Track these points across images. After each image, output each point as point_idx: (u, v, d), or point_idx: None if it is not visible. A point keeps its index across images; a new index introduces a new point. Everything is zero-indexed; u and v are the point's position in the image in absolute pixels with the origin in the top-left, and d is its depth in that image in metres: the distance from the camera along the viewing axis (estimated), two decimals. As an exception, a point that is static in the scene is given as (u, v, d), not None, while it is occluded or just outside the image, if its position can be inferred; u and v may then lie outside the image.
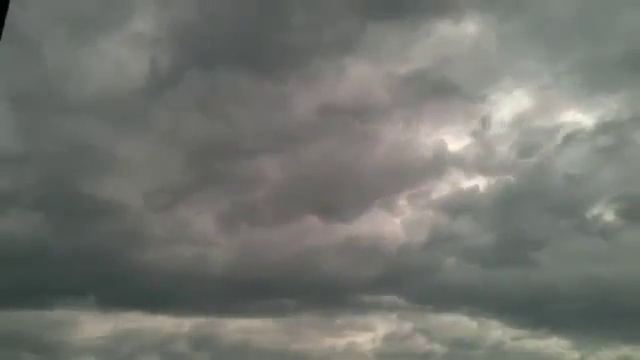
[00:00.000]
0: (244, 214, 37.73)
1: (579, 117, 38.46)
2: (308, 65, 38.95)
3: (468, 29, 39.56)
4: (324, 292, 35.76)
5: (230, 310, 35.73)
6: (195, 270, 35.20)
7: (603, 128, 36.93)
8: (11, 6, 6.52)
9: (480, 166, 38.67)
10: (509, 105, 40.06)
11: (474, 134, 39.24)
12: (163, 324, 35.02)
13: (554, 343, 34.22)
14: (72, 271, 33.72)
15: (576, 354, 33.45)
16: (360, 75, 39.78)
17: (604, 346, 33.19)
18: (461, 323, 35.62)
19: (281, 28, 38.01)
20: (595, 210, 35.89)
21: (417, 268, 35.99)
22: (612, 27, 36.93)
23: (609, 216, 35.45)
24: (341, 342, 35.03)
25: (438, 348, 34.54)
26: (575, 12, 37.92)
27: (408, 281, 35.92)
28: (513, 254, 35.51)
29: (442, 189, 38.56)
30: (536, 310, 33.91)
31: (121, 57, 38.10)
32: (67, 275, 33.67)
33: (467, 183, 38.65)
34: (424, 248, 36.33)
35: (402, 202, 38.86)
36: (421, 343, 34.80)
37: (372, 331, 35.56)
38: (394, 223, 38.18)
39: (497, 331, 34.83)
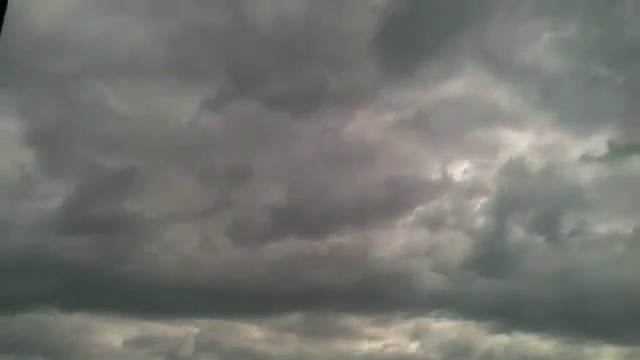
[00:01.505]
0: (247, 230, 40.36)
1: (562, 150, 41.91)
2: (322, 106, 43.08)
3: (474, 84, 43.42)
4: (324, 299, 37.82)
5: (232, 315, 37.75)
6: (198, 278, 37.55)
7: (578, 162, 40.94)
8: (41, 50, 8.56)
9: (469, 188, 41.76)
10: (504, 141, 43.56)
11: (468, 161, 42.52)
12: (169, 331, 36.91)
13: (541, 345, 36.31)
14: (81, 280, 35.83)
15: (568, 355, 35.59)
16: (367, 120, 43.36)
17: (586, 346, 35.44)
18: (453, 329, 37.71)
19: (300, 73, 42.51)
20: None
21: (402, 277, 38.49)
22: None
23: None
24: (341, 347, 37.04)
25: (433, 355, 36.41)
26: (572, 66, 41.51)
27: (400, 290, 38.24)
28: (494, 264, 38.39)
29: (432, 207, 41.34)
30: (518, 314, 36.20)
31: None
32: (76, 284, 35.79)
33: (459, 202, 41.64)
34: (407, 259, 38.97)
35: (395, 220, 41.74)
36: (419, 350, 36.71)
37: (369, 338, 37.58)
38: (383, 238, 40.94)
39: (484, 336, 37.01)
